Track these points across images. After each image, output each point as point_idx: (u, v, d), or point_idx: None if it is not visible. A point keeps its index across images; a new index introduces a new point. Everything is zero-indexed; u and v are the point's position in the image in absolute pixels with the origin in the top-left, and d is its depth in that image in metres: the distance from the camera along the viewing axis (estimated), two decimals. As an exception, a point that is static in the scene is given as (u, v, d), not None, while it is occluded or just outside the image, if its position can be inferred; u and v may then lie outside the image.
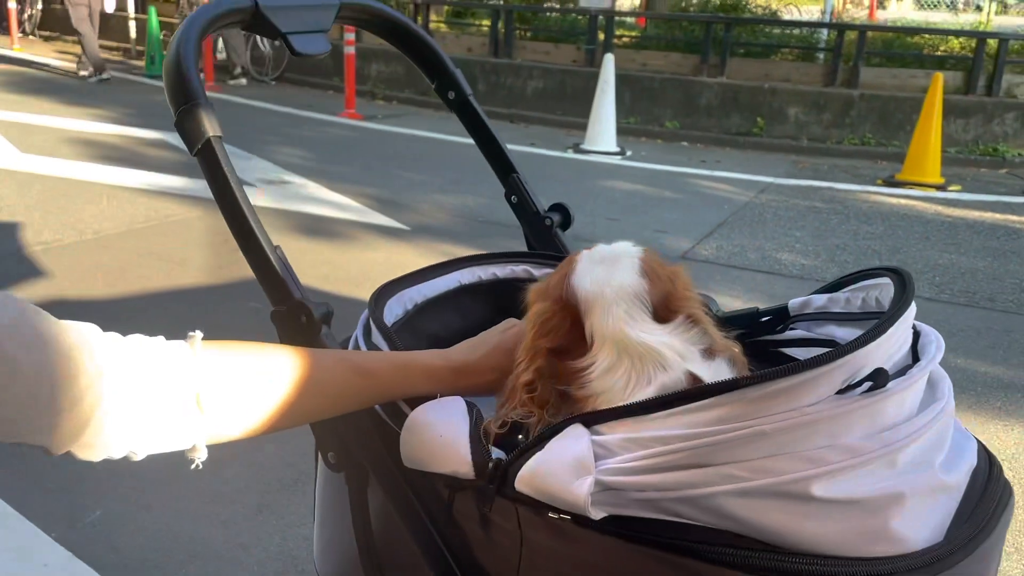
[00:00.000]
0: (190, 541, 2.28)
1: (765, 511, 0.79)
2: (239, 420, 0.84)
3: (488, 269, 1.25)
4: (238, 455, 2.67)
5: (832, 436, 0.80)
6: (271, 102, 9.86)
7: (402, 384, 0.96)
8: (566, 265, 1.02)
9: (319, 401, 0.90)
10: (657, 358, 0.91)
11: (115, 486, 2.49)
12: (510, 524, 0.91)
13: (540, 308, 0.99)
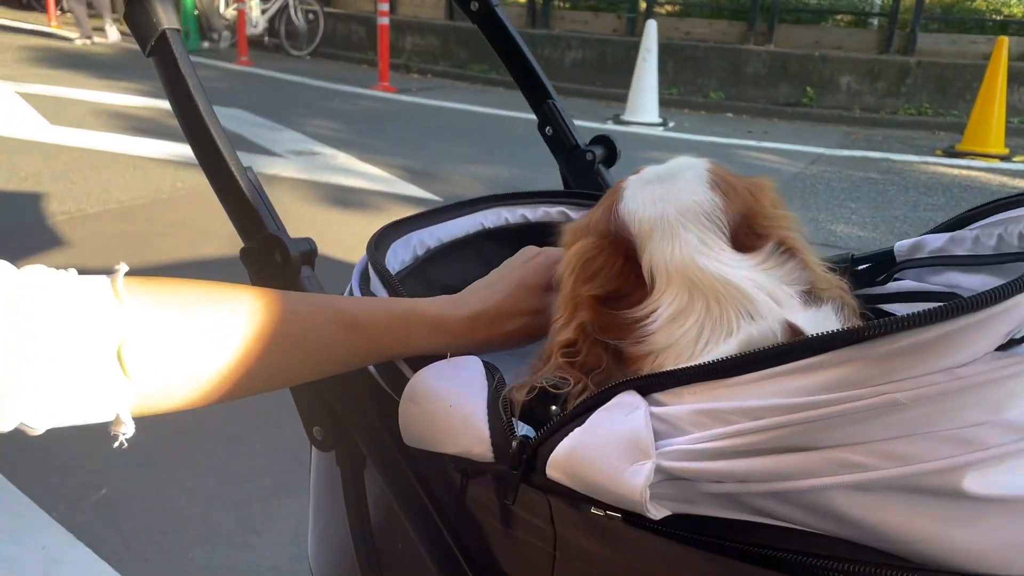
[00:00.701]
0: (200, 524, 2.11)
1: (895, 513, 0.57)
2: (180, 384, 0.62)
3: (516, 211, 1.03)
4: (253, 431, 2.50)
5: (992, 409, 0.57)
6: (305, 76, 9.72)
7: (402, 338, 0.75)
8: (611, 194, 0.80)
9: (290, 360, 0.69)
10: (742, 301, 0.69)
11: (124, 463, 2.33)
12: (540, 520, 0.70)
13: (581, 247, 0.77)
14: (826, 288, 0.74)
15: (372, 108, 8.20)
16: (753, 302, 0.69)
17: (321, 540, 0.97)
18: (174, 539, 2.06)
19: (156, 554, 2.00)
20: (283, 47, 11.26)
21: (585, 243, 0.77)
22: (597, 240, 0.76)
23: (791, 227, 0.77)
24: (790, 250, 0.74)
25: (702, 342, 0.68)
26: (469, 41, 10.43)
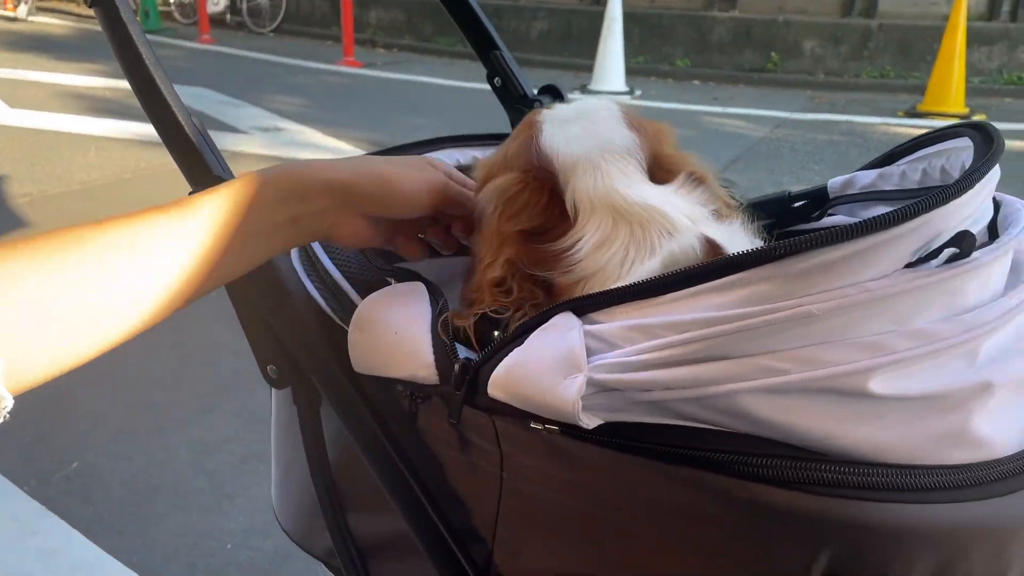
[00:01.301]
0: (172, 493, 2.13)
1: (807, 412, 0.60)
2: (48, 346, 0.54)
3: (468, 152, 1.05)
4: (225, 402, 2.51)
5: (899, 319, 0.61)
6: (268, 53, 9.60)
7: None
8: (526, 130, 0.82)
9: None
10: (662, 222, 0.72)
11: (95, 437, 2.34)
12: (487, 443, 0.73)
13: (504, 182, 0.78)
14: (731, 211, 0.78)
15: (338, 83, 8.13)
16: (672, 221, 0.71)
17: (283, 483, 0.99)
18: (147, 508, 2.07)
19: (129, 523, 2.01)
20: (246, 24, 11.11)
21: (508, 179, 0.78)
22: (520, 176, 0.77)
23: (697, 164, 0.80)
24: (700, 179, 0.77)
25: (627, 264, 0.71)
26: (434, 14, 10.35)
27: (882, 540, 0.59)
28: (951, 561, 0.59)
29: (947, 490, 0.59)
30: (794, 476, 0.60)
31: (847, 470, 0.59)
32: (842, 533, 0.60)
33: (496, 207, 0.76)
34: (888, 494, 0.59)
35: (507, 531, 0.77)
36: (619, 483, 0.67)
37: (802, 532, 0.61)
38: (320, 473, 0.89)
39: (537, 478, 0.73)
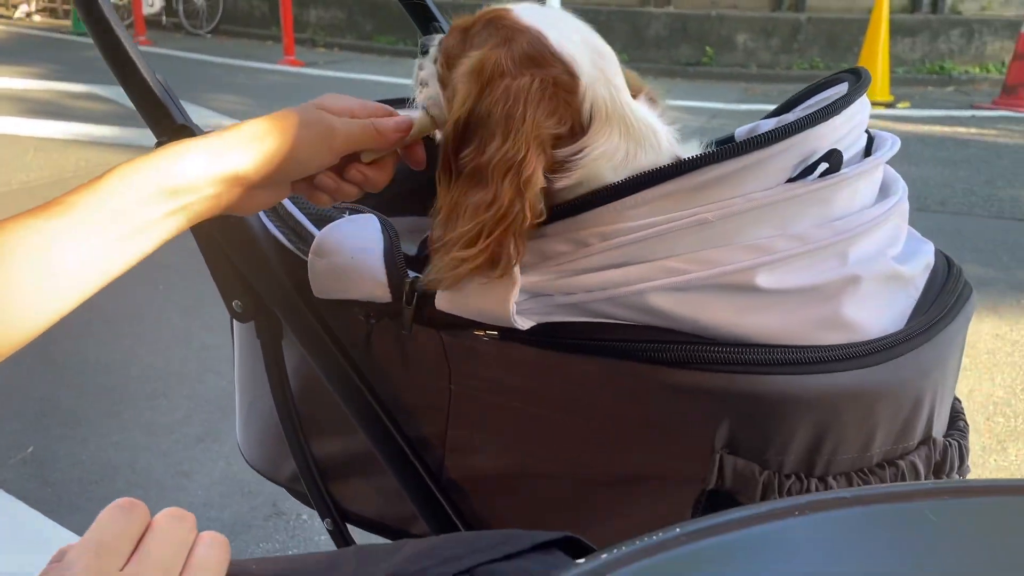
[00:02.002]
0: (129, 472, 2.17)
1: (705, 305, 0.71)
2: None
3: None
4: (177, 387, 2.54)
5: (780, 224, 0.72)
6: (207, 54, 9.50)
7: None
8: (511, 27, 0.78)
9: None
10: (652, 140, 0.78)
11: (49, 422, 2.36)
12: (434, 354, 0.82)
13: (541, 80, 0.73)
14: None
15: (279, 82, 8.10)
16: (659, 140, 0.78)
17: (248, 419, 1.06)
18: (104, 487, 2.11)
19: (87, 502, 2.05)
20: (182, 26, 10.95)
21: (542, 76, 0.74)
22: (546, 77, 0.74)
23: (643, 83, 0.87)
24: (653, 100, 0.85)
25: (619, 174, 0.75)
26: (375, 12, 10.35)
27: (771, 407, 0.70)
28: (827, 422, 0.70)
29: (822, 363, 0.70)
30: (695, 358, 0.70)
31: (739, 350, 0.70)
32: (738, 404, 0.70)
33: (536, 103, 0.72)
34: (773, 368, 0.69)
35: (456, 437, 0.86)
36: (549, 379, 0.77)
37: (705, 406, 0.71)
38: (283, 402, 0.96)
39: (481, 386, 0.82)
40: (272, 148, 0.70)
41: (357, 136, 0.75)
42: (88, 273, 0.62)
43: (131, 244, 0.64)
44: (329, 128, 0.73)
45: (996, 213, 4.24)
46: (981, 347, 2.83)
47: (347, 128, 0.75)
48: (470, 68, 0.75)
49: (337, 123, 0.74)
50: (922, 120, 6.56)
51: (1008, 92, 6.94)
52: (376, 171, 0.80)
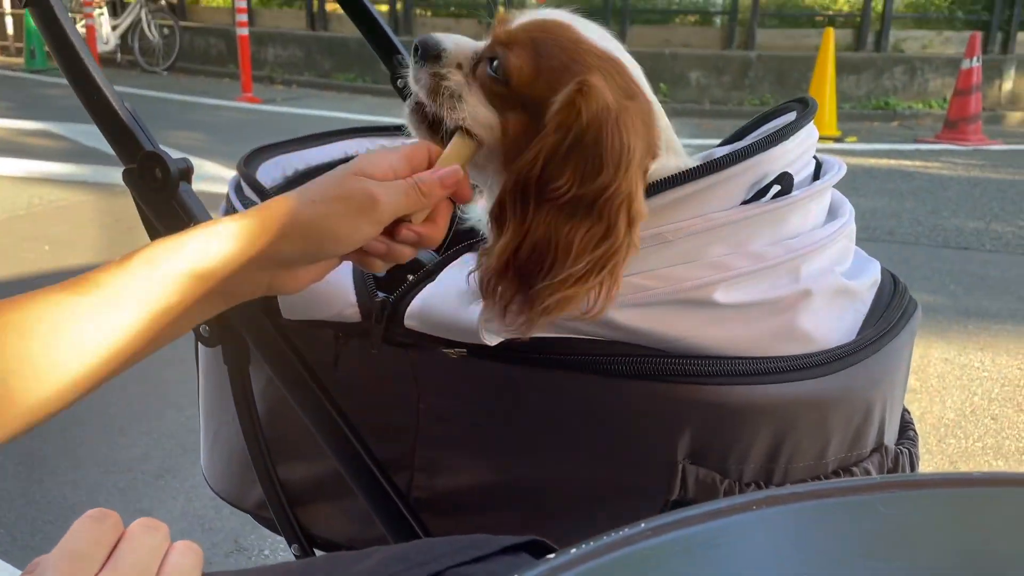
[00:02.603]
0: (86, 510, 2.12)
1: (665, 319, 0.74)
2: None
3: (377, 141, 1.16)
4: (136, 424, 2.50)
5: (737, 243, 0.76)
6: (163, 91, 9.45)
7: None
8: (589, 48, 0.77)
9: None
10: (675, 147, 0.82)
11: (2, 461, 2.30)
12: (403, 374, 0.84)
13: (638, 112, 0.74)
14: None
15: (237, 118, 8.08)
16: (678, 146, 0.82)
17: (213, 446, 1.06)
18: (60, 527, 2.05)
19: (42, 541, 2.00)
20: (138, 63, 10.90)
21: (640, 109, 0.76)
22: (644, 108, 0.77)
23: None
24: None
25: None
26: (334, 51, 10.42)
27: (731, 416, 0.73)
28: (785, 430, 0.73)
29: (780, 373, 0.73)
30: (658, 370, 0.73)
31: (701, 362, 0.73)
32: (700, 414, 0.73)
33: (633, 142, 0.71)
34: (734, 378, 0.72)
35: (424, 457, 0.87)
36: (517, 394, 0.79)
37: (668, 417, 0.74)
38: (250, 427, 0.97)
39: (449, 404, 0.84)
40: (309, 228, 0.66)
41: (402, 203, 0.69)
42: (112, 353, 0.61)
43: (159, 326, 0.63)
44: (370, 198, 0.67)
45: (942, 242, 4.38)
46: (931, 371, 2.92)
47: (390, 196, 0.68)
48: (571, 96, 0.71)
49: (379, 192, 0.68)
50: (869, 154, 6.77)
51: (950, 127, 7.20)
52: (430, 227, 0.73)
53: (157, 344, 0.65)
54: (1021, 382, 2.83)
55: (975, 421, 2.60)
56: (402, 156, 0.72)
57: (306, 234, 0.66)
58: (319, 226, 0.66)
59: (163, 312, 0.63)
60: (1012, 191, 5.51)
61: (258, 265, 0.65)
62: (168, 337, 0.65)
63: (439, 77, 0.79)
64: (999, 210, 5.00)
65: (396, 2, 10.39)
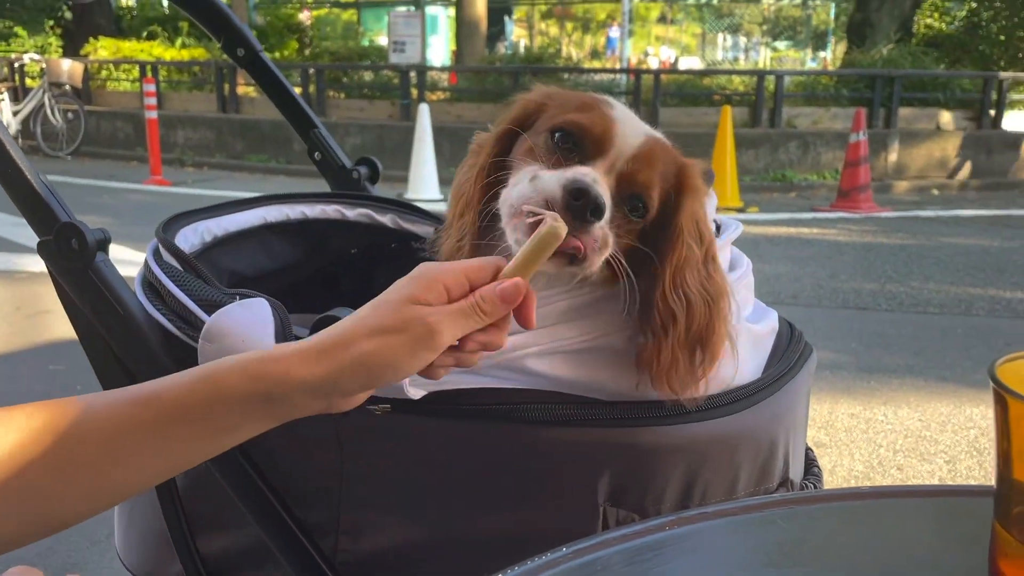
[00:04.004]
0: (-17, 612, 1.99)
1: (582, 365, 0.78)
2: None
3: (296, 207, 1.18)
4: (40, 516, 2.38)
5: None
6: (68, 175, 9.23)
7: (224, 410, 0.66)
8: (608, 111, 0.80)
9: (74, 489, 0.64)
10: None
11: None
12: (326, 435, 0.84)
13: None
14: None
15: (146, 201, 7.95)
16: None
17: (128, 523, 1.03)
18: (-46, 632, 1.92)
19: (-66, 649, 1.86)
20: (40, 148, 10.63)
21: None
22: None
23: None
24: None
25: None
26: (245, 132, 10.42)
27: (646, 457, 0.77)
28: (696, 468, 0.77)
29: (690, 413, 0.77)
30: (574, 415, 0.76)
31: (615, 406, 0.77)
32: (616, 457, 0.76)
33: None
34: (647, 420, 0.76)
35: (350, 519, 0.87)
36: (441, 447, 0.81)
37: (587, 461, 0.77)
38: (168, 499, 0.95)
39: (374, 463, 0.85)
40: (369, 360, 0.65)
41: (460, 326, 0.67)
42: (164, 464, 0.66)
43: (213, 442, 0.67)
44: (429, 330, 0.65)
45: (841, 304, 4.61)
46: (839, 426, 3.04)
47: (449, 323, 0.66)
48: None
49: (437, 321, 0.66)
50: (770, 223, 7.11)
51: (843, 196, 7.64)
52: (494, 333, 0.69)
53: (209, 456, 0.68)
54: (923, 433, 2.98)
55: (883, 472, 2.70)
56: (457, 274, 0.68)
57: (367, 367, 0.66)
58: (379, 359, 0.66)
59: (220, 430, 0.66)
60: (903, 254, 5.86)
61: (316, 394, 0.67)
62: (219, 450, 0.69)
63: (603, 235, 0.74)
64: (892, 272, 5.31)
65: (309, 84, 10.51)
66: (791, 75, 11.05)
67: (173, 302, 0.88)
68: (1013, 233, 6.73)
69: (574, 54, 16.86)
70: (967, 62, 11.22)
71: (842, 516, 0.52)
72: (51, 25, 14.12)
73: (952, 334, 4.06)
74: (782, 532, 0.50)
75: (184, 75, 12.34)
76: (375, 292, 0.72)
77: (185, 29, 13.13)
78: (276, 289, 1.02)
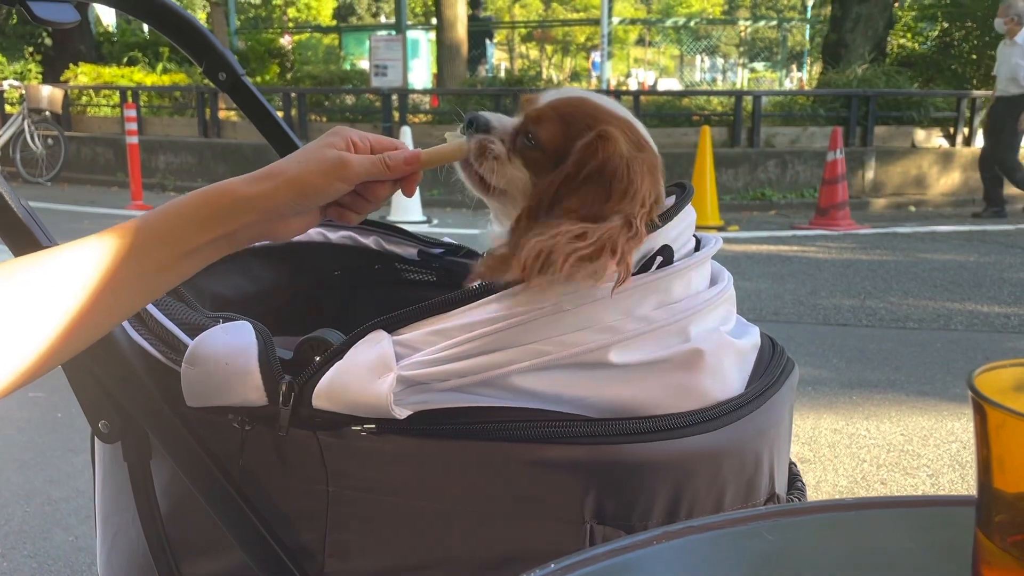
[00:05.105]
0: (-40, 646, 1.95)
1: (564, 382, 0.79)
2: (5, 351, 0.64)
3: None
4: (21, 547, 2.34)
5: (627, 310, 0.81)
6: (48, 201, 9.17)
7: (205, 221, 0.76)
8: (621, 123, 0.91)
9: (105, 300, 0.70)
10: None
11: None
12: (311, 457, 0.84)
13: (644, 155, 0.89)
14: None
15: (126, 227, 7.91)
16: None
17: (112, 551, 1.02)
18: (-70, 667, 1.88)
19: None
20: (20, 174, 10.57)
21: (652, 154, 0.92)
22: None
23: None
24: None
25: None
26: (227, 156, 10.40)
27: (632, 474, 0.77)
28: (682, 483, 0.77)
29: (675, 429, 0.78)
30: (559, 433, 0.77)
31: (599, 423, 0.77)
32: (602, 474, 0.77)
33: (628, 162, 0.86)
34: (632, 437, 0.77)
35: (336, 542, 0.87)
36: (426, 468, 0.81)
37: (572, 478, 0.77)
38: (152, 526, 0.94)
39: (359, 485, 0.85)
40: (297, 182, 0.79)
41: (368, 171, 0.84)
42: (134, 291, 0.73)
43: (178, 266, 0.75)
44: (343, 163, 0.82)
45: (822, 320, 4.64)
46: (823, 441, 3.05)
47: (359, 164, 0.83)
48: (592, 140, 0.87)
49: (350, 158, 0.83)
50: (750, 241, 7.17)
51: (821, 213, 7.72)
52: (388, 189, 0.89)
53: (171, 285, 0.77)
54: (905, 447, 3.00)
55: (866, 486, 2.72)
56: (368, 136, 0.87)
57: (297, 186, 0.79)
58: (306, 181, 0.80)
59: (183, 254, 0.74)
60: (882, 270, 5.92)
61: (257, 212, 0.77)
62: (182, 279, 0.77)
63: (486, 142, 0.93)
64: (872, 288, 5.36)
65: (291, 108, 10.52)
66: (769, 95, 11.18)
67: (156, 326, 0.88)
68: (988, 248, 6.82)
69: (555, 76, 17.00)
70: (940, 81, 11.39)
71: (827, 528, 0.53)
72: (31, 52, 14.06)
73: (932, 348, 4.10)
74: (768, 544, 0.50)
75: (165, 100, 12.32)
76: (358, 314, 0.73)
77: (166, 55, 13.14)
78: (259, 312, 1.02)
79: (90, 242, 0.72)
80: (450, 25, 12.56)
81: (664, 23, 20.97)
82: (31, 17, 1.07)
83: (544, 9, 28.07)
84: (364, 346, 0.81)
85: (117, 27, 15.50)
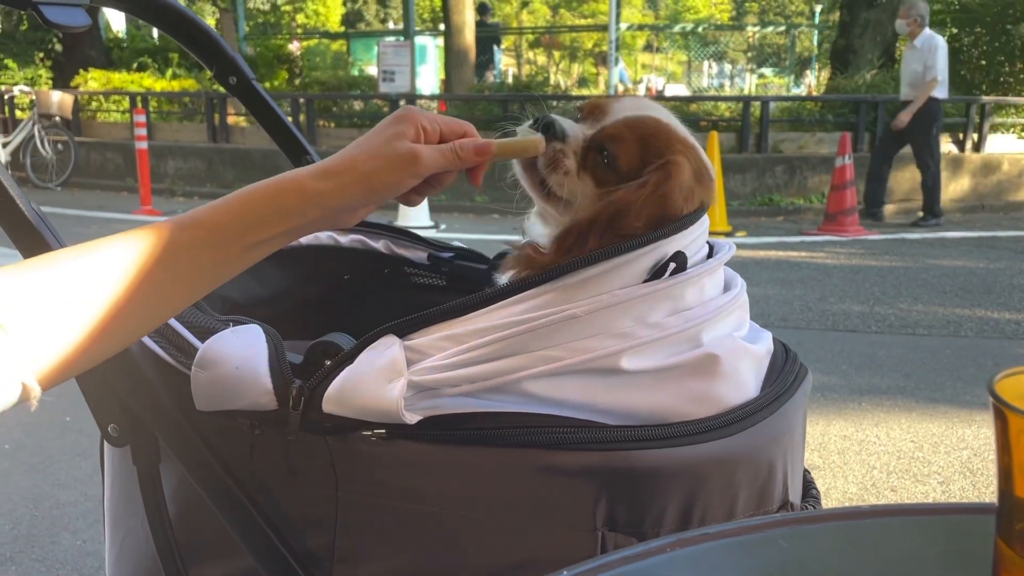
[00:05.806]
0: (-32, 650, 1.95)
1: (576, 388, 0.78)
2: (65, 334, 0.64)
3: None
4: (29, 551, 2.34)
5: (640, 316, 0.81)
6: (57, 206, 9.20)
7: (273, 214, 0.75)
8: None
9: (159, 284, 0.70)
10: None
11: None
12: (321, 465, 0.84)
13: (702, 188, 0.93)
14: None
15: (135, 232, 7.93)
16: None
17: (120, 555, 1.02)
18: (-62, 671, 1.88)
19: None
20: (30, 180, 10.62)
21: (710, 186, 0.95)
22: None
23: None
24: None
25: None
26: (236, 161, 10.43)
27: (644, 480, 0.76)
28: (695, 490, 0.77)
29: (688, 436, 0.77)
30: (571, 439, 0.76)
31: (612, 429, 0.77)
32: (614, 480, 0.76)
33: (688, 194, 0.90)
34: (644, 443, 0.76)
35: (344, 547, 0.86)
36: (436, 473, 0.80)
37: (584, 484, 0.76)
38: (161, 530, 0.94)
39: (368, 490, 0.84)
40: (368, 179, 0.78)
41: (439, 162, 0.82)
42: (206, 280, 0.73)
43: (240, 259, 0.74)
44: (414, 157, 0.80)
45: (831, 326, 4.63)
46: (832, 448, 3.03)
47: (430, 155, 0.81)
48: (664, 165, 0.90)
49: (421, 150, 0.81)
50: (759, 247, 7.15)
51: (829, 219, 7.69)
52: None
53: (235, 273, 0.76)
54: (915, 454, 2.98)
55: (876, 494, 2.70)
56: (437, 120, 0.84)
57: (368, 181, 0.78)
58: (377, 177, 0.78)
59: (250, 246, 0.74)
60: (891, 276, 5.90)
61: (325, 206, 0.77)
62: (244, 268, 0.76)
63: (560, 153, 0.93)
64: (880, 294, 5.34)
65: (299, 114, 10.55)
66: (776, 101, 11.15)
67: (166, 329, 0.88)
68: (999, 254, 6.79)
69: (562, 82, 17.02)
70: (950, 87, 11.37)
71: (843, 535, 0.52)
72: (41, 57, 14.15)
73: (941, 355, 4.08)
74: (784, 552, 0.50)
75: (174, 105, 12.37)
76: (368, 318, 0.73)
77: (175, 60, 13.20)
78: (269, 315, 1.02)
79: (140, 234, 0.72)
80: (458, 31, 12.58)
81: (672, 29, 20.97)
82: (43, 21, 1.07)
83: (552, 15, 28.12)
84: (375, 351, 0.80)
85: (127, 33, 15.59)
